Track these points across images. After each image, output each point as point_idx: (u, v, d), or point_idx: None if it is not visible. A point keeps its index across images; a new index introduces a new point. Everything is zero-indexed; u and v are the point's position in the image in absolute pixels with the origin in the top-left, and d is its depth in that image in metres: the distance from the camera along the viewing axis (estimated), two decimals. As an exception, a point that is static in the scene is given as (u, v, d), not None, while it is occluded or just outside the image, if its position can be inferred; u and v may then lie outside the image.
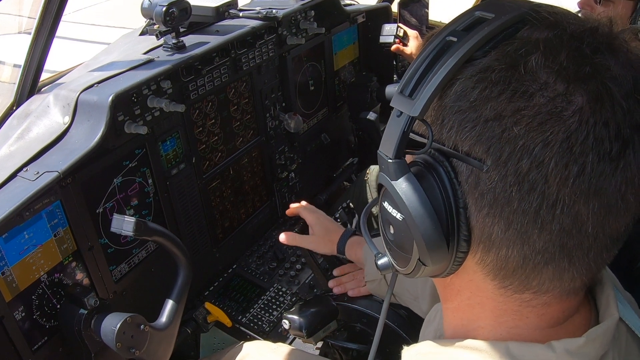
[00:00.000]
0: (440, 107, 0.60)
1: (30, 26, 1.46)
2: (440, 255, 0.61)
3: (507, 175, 0.55)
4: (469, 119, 0.57)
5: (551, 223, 0.56)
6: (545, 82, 0.54)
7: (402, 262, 0.67)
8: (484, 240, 0.60)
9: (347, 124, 2.48)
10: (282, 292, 1.85)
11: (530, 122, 0.53)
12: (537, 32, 0.56)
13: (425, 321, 0.98)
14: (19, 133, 1.38)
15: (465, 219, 0.59)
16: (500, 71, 0.55)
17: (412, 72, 0.60)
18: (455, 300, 0.71)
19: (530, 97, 0.54)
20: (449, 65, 0.57)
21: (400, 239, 0.64)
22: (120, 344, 1.25)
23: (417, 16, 2.50)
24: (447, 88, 0.58)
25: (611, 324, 0.65)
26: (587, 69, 0.53)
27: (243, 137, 1.92)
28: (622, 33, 0.57)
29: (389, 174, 0.62)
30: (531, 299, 0.63)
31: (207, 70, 1.63)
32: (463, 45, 0.57)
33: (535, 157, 0.54)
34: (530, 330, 0.65)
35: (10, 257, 1.22)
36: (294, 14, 1.93)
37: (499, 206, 0.57)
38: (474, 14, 0.60)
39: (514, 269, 0.60)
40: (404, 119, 0.59)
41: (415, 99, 0.58)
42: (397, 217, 0.62)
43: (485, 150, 0.56)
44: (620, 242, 0.61)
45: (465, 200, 0.59)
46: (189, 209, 1.72)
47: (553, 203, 0.55)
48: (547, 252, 0.58)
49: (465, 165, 0.58)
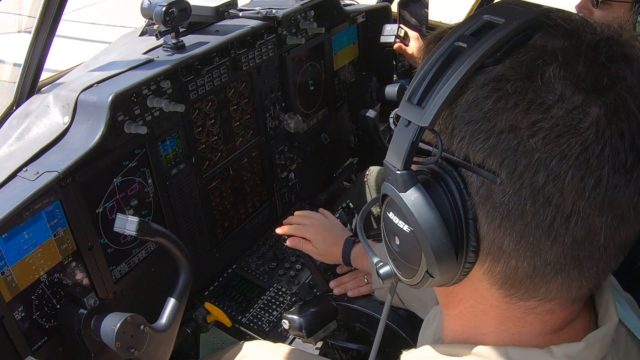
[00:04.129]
0: (450, 116, 0.58)
1: (30, 25, 1.46)
2: (448, 266, 0.60)
3: (522, 188, 0.54)
4: (482, 130, 0.55)
5: (564, 235, 0.55)
6: (562, 94, 0.52)
7: (407, 273, 0.66)
8: (494, 252, 0.59)
9: (346, 124, 2.48)
10: (282, 292, 1.85)
11: (547, 135, 0.52)
12: (553, 40, 0.55)
13: (424, 323, 0.97)
14: (18, 133, 1.38)
15: (474, 231, 0.58)
16: (516, 81, 0.54)
17: (420, 79, 0.58)
18: (457, 308, 0.70)
19: (547, 110, 0.52)
20: (461, 73, 0.55)
21: (407, 250, 0.63)
22: (119, 343, 1.25)
23: (416, 16, 2.50)
24: (457, 96, 0.57)
25: (610, 328, 0.65)
26: (605, 81, 0.52)
27: (243, 137, 1.92)
28: (633, 40, 0.57)
29: (396, 186, 0.60)
30: (536, 306, 0.63)
31: (207, 70, 1.63)
32: (474, 52, 0.55)
33: (551, 170, 0.52)
34: (533, 337, 0.65)
35: (10, 257, 1.22)
36: (294, 14, 1.93)
37: (512, 219, 0.56)
38: (482, 18, 0.58)
39: (522, 279, 0.60)
40: (413, 128, 0.57)
41: (426, 108, 0.56)
42: (405, 229, 0.61)
43: (500, 162, 0.54)
44: (627, 250, 0.60)
45: (475, 212, 0.58)
46: (189, 209, 1.72)
47: (568, 216, 0.54)
48: (558, 264, 0.57)
49: (476, 177, 0.57)
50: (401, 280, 0.69)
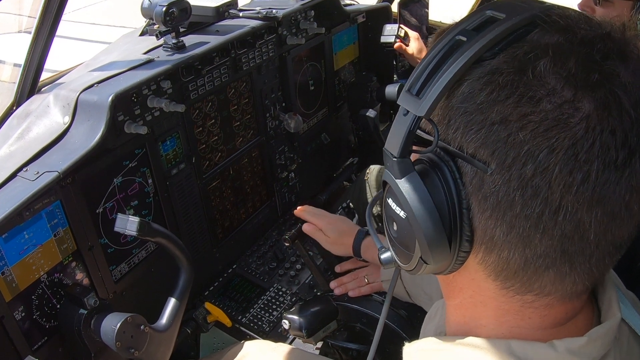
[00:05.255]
0: (447, 107, 0.59)
1: (31, 25, 1.46)
2: (442, 254, 0.61)
3: (511, 179, 0.55)
4: (475, 121, 0.56)
5: (553, 229, 0.56)
6: (553, 88, 0.53)
7: (404, 259, 0.68)
8: (486, 242, 0.60)
9: (347, 123, 2.48)
10: (282, 292, 1.85)
11: (536, 128, 0.53)
12: (548, 36, 0.56)
13: (427, 317, 0.98)
14: (19, 133, 1.38)
15: (468, 220, 0.59)
16: (508, 74, 0.55)
17: (420, 71, 0.59)
18: (458, 297, 0.71)
19: (537, 103, 0.53)
20: (458, 65, 0.56)
21: (403, 236, 0.65)
22: (119, 343, 1.25)
23: (417, 16, 2.50)
24: (455, 88, 0.58)
25: (613, 324, 0.65)
26: (596, 76, 0.53)
27: (243, 137, 1.92)
28: (635, 39, 0.57)
29: (393, 172, 0.62)
30: (533, 301, 0.63)
31: (207, 70, 1.63)
32: (473, 46, 0.56)
33: (539, 163, 0.53)
34: (532, 330, 0.65)
35: (10, 257, 1.22)
36: (294, 14, 1.93)
37: (502, 209, 0.57)
38: (485, 13, 0.59)
39: (515, 271, 0.60)
40: (411, 117, 0.59)
41: (423, 98, 0.58)
42: (401, 215, 0.62)
43: (490, 153, 0.56)
44: (623, 248, 0.60)
45: (468, 201, 0.59)
46: (189, 209, 1.72)
47: (556, 209, 0.55)
48: (549, 257, 0.58)
49: (470, 167, 0.58)
50: (400, 266, 0.71)
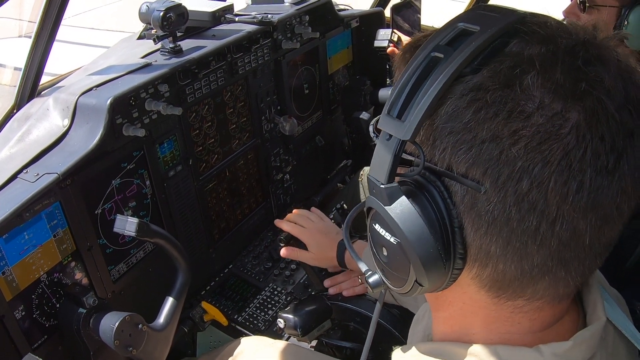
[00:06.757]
0: (431, 128, 0.57)
1: (31, 30, 1.48)
2: (437, 275, 0.60)
3: (507, 196, 0.54)
4: (463, 141, 0.55)
5: (550, 239, 0.55)
6: (541, 101, 0.52)
7: (397, 283, 0.66)
8: (481, 258, 0.59)
9: (341, 126, 2.50)
10: (277, 292, 1.87)
11: (528, 143, 0.52)
12: (529, 47, 0.55)
13: (415, 319, 0.97)
14: (19, 135, 1.40)
15: (461, 238, 0.59)
16: (495, 91, 0.54)
17: (398, 92, 0.58)
18: (447, 310, 0.70)
19: (527, 118, 0.52)
20: (439, 85, 0.54)
21: (395, 261, 0.63)
22: (118, 341, 1.27)
23: (409, 21, 2.53)
24: (437, 107, 0.56)
25: (598, 327, 0.66)
26: (583, 85, 0.52)
27: (239, 140, 1.95)
28: (608, 40, 0.57)
29: (381, 199, 0.60)
30: (524, 305, 0.63)
31: (204, 74, 1.66)
32: (451, 63, 0.54)
33: (535, 177, 0.53)
34: (522, 335, 0.65)
35: (10, 257, 1.24)
36: (289, 18, 1.96)
37: (498, 226, 0.56)
38: (457, 26, 0.58)
39: (509, 281, 0.60)
40: (394, 142, 0.57)
41: (406, 122, 0.56)
42: (392, 241, 0.61)
43: (483, 172, 0.54)
44: (611, 247, 0.61)
45: (460, 220, 0.58)
46: (186, 210, 1.75)
47: (553, 220, 0.54)
48: (546, 266, 0.58)
49: (460, 186, 0.57)
50: (390, 289, 0.70)
